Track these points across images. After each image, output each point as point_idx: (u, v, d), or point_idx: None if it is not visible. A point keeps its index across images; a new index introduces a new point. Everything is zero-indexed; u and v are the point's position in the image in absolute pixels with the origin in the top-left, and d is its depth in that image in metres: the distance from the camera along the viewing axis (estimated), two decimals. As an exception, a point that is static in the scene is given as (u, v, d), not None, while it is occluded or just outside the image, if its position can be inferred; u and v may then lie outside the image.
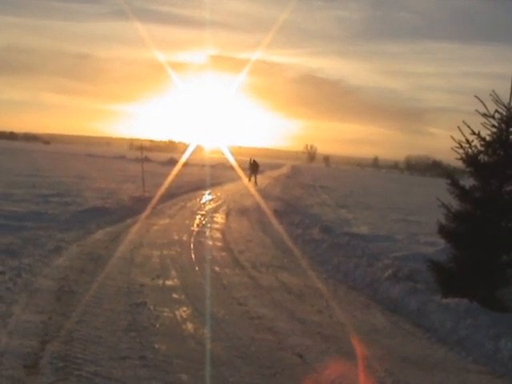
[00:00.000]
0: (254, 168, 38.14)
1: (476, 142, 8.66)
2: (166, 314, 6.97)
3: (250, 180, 37.69)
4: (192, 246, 12.14)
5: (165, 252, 11.04)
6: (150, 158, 58.83)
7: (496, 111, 8.46)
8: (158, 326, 6.48)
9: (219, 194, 28.19)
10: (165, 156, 73.52)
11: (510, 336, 6.65)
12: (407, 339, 6.93)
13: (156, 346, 5.79)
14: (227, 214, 19.28)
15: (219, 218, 18.23)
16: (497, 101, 8.51)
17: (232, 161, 46.33)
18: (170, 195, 23.08)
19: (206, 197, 25.95)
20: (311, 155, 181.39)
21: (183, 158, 39.62)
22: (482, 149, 8.65)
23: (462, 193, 8.73)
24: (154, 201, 19.09)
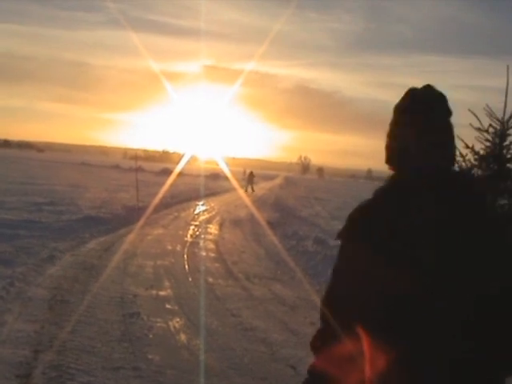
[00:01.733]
0: (250, 178, 43.20)
1: (470, 156, 8.71)
2: (159, 324, 6.96)
3: (246, 190, 41.54)
4: (185, 256, 12.14)
5: (158, 262, 11.03)
6: (145, 167, 58.85)
7: (490, 125, 8.52)
8: (151, 336, 6.46)
9: (213, 204, 28.21)
10: (159, 166, 73.52)
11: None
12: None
13: (149, 357, 5.78)
14: (221, 225, 19.29)
15: (213, 228, 18.24)
16: (491, 115, 8.57)
17: (226, 171, 46.46)
18: (164, 205, 23.08)
19: (200, 207, 25.96)
20: (305, 166, 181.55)
21: (177, 168, 39.64)
22: (476, 163, 8.69)
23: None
24: (148, 211, 19.06)
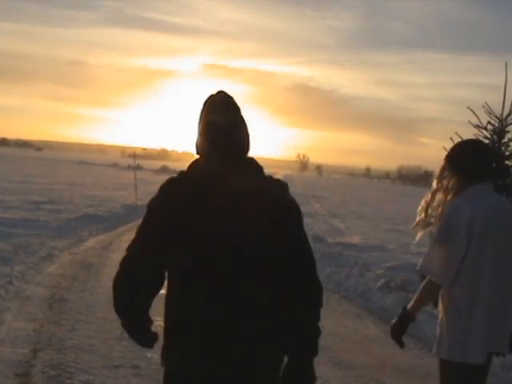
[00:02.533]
0: None
1: (468, 154, 8.70)
2: (158, 322, 6.91)
3: None
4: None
5: (157, 260, 11.01)
6: (143, 165, 58.66)
7: (488, 123, 8.51)
8: (150, 334, 6.45)
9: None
10: (157, 164, 73.44)
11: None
12: (399, 349, 6.92)
13: (148, 355, 5.77)
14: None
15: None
16: (489, 112, 8.56)
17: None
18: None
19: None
20: (303, 164, 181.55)
21: (176, 167, 39.63)
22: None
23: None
24: (147, 209, 19.02)
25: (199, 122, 2.39)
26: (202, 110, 2.39)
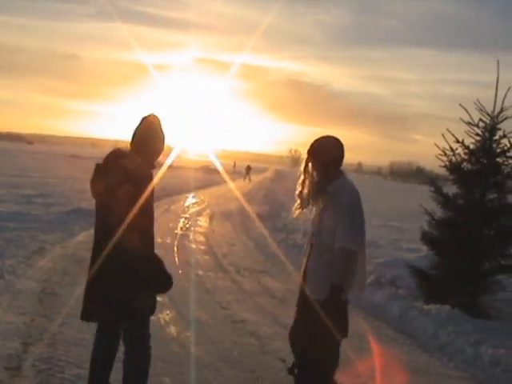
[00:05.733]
0: (247, 171, 56.05)
1: (460, 150, 8.74)
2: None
3: (244, 179, 53.56)
4: (175, 249, 12.13)
5: (148, 255, 10.99)
6: (135, 160, 58.19)
7: (480, 120, 8.55)
8: (141, 329, 6.45)
9: (203, 197, 28.18)
10: (149, 158, 72.99)
11: (491, 342, 6.72)
12: (389, 345, 6.97)
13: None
14: (211, 218, 19.29)
15: (203, 221, 18.23)
16: (481, 109, 8.60)
17: (216, 164, 46.49)
18: (154, 198, 22.97)
19: (190, 200, 25.93)
20: (295, 159, 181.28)
21: (167, 161, 39.44)
22: (466, 157, 8.73)
23: (445, 200, 8.80)
24: (138, 203, 18.94)
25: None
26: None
